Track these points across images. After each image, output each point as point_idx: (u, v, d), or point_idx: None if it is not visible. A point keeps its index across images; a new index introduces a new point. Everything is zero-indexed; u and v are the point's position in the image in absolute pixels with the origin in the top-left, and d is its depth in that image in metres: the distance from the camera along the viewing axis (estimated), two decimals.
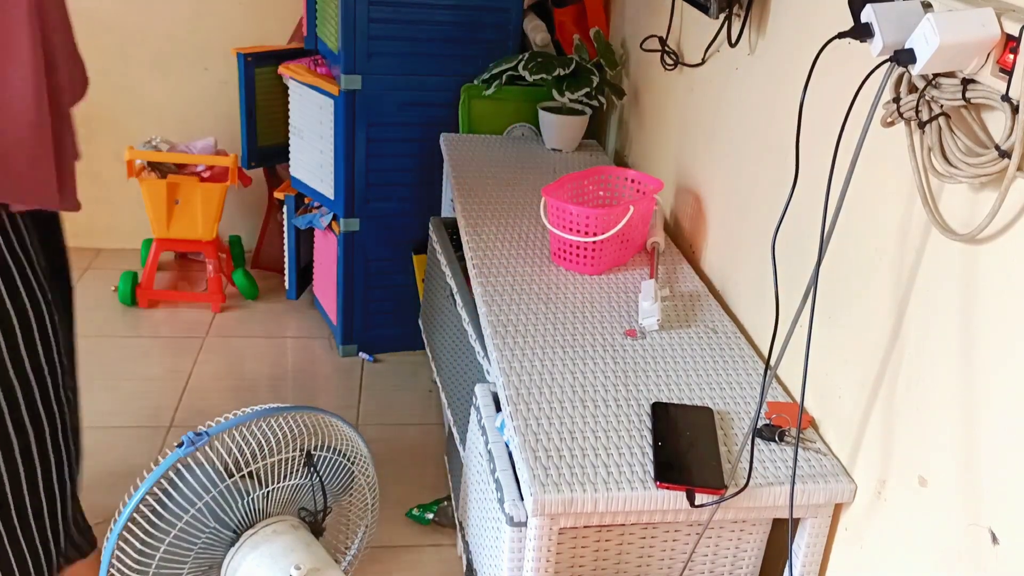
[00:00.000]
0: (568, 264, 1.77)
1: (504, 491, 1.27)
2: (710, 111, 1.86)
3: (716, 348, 1.55)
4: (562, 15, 2.60)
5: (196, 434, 1.35)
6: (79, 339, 2.66)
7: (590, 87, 2.29)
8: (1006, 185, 0.93)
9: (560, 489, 1.19)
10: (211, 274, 2.86)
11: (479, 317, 1.62)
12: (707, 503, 1.20)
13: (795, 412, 1.37)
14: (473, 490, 1.50)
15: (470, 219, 1.95)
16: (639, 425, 1.33)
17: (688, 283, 1.77)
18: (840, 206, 1.08)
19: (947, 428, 1.07)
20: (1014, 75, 0.91)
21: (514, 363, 1.45)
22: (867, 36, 1.00)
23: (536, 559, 1.22)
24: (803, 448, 1.31)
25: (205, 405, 2.40)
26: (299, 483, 1.46)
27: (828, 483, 1.25)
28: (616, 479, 1.22)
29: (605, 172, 1.93)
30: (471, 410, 1.51)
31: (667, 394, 1.41)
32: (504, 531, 1.25)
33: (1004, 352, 0.98)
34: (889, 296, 1.19)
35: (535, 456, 1.25)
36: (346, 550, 1.65)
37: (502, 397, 1.39)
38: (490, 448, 1.36)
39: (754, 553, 1.39)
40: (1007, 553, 0.98)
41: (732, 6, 1.69)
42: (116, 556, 1.31)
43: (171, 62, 3.01)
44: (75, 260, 3.09)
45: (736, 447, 1.30)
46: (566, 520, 1.21)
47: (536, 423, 1.32)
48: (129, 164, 2.72)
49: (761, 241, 1.60)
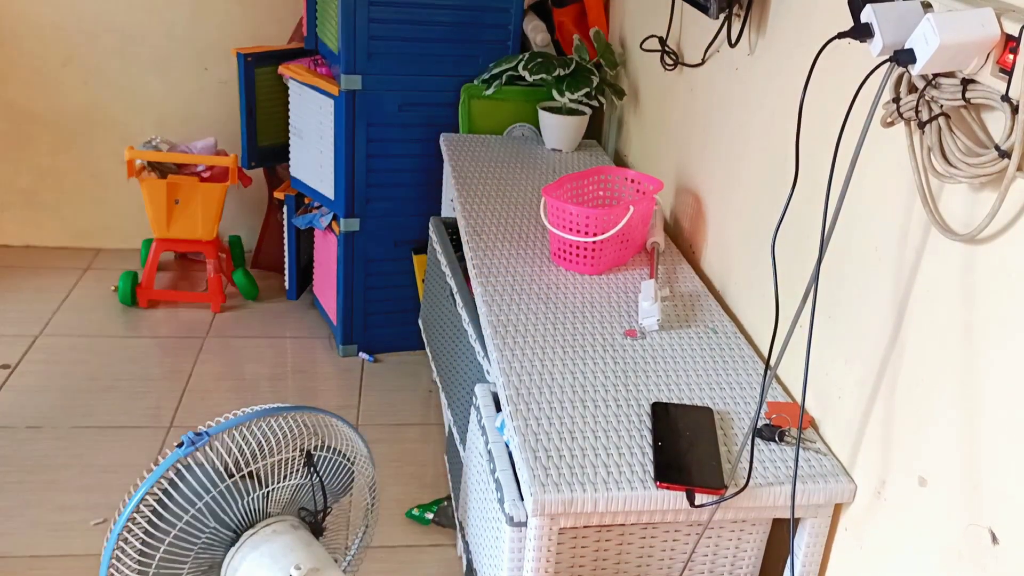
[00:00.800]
0: (568, 264, 1.77)
1: (504, 491, 1.27)
2: (710, 111, 1.86)
3: (716, 348, 1.55)
4: (562, 15, 2.60)
5: (196, 434, 1.35)
6: (79, 339, 2.66)
7: (590, 87, 2.29)
8: (1006, 185, 0.93)
9: (560, 489, 1.19)
10: (211, 274, 2.86)
11: (479, 317, 1.63)
12: (707, 503, 1.20)
13: (795, 412, 1.37)
14: (473, 490, 1.50)
15: (470, 219, 1.95)
16: (639, 425, 1.33)
17: (688, 283, 1.77)
18: (840, 206, 1.08)
19: (947, 428, 1.07)
20: (1014, 75, 0.91)
21: (514, 363, 1.45)
22: (867, 36, 1.00)
23: (536, 559, 1.22)
24: (803, 448, 1.31)
25: (205, 405, 2.40)
26: (299, 483, 1.46)
27: (828, 483, 1.25)
28: (616, 479, 1.22)
29: (605, 172, 1.93)
30: (471, 410, 1.51)
31: (667, 394, 1.41)
32: (504, 531, 1.25)
33: (1004, 352, 0.98)
34: (889, 296, 1.19)
35: (535, 456, 1.25)
36: (346, 550, 1.65)
37: (502, 397, 1.39)
38: (490, 448, 1.36)
39: (754, 553, 1.39)
40: (1007, 553, 0.98)
41: (732, 6, 1.69)
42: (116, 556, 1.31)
43: (171, 62, 3.02)
44: (75, 260, 3.11)
45: (736, 447, 1.30)
46: (566, 520, 1.21)
47: (536, 423, 1.32)
48: (129, 164, 2.72)
49: (761, 241, 1.60)
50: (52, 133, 3.04)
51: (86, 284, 2.97)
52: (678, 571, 1.39)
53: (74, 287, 2.93)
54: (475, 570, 1.50)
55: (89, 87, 3.00)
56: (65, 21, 2.91)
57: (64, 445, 2.19)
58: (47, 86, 2.98)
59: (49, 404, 2.33)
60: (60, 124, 3.03)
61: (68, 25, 2.92)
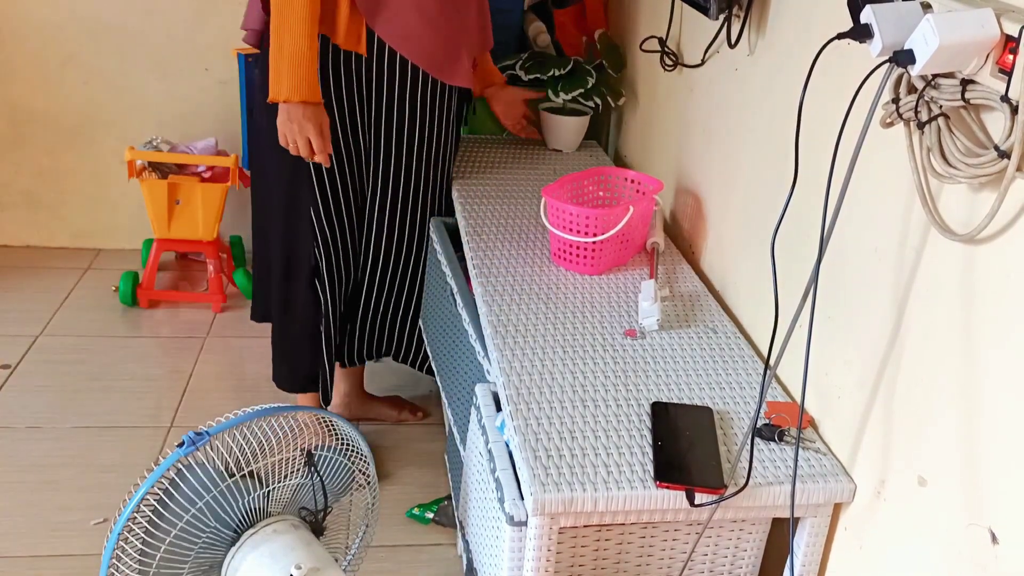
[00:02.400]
0: (568, 264, 1.77)
1: (504, 490, 1.27)
2: (710, 112, 1.86)
3: (716, 348, 1.55)
4: (562, 16, 2.60)
5: (196, 434, 1.35)
6: (79, 339, 2.66)
7: (585, 87, 2.30)
8: (1005, 185, 0.94)
9: (560, 488, 1.19)
10: (212, 274, 2.86)
11: (479, 317, 1.63)
12: (707, 503, 1.21)
13: (795, 412, 1.37)
14: (473, 490, 1.50)
15: (471, 219, 1.95)
16: (639, 425, 1.33)
17: (688, 283, 1.77)
18: (839, 206, 1.09)
19: (947, 428, 1.07)
20: (1013, 75, 0.91)
21: (514, 363, 1.45)
22: (866, 37, 1.00)
23: (536, 558, 1.22)
24: (803, 448, 1.31)
25: (205, 405, 2.40)
26: (299, 483, 1.46)
27: (828, 483, 1.25)
28: (616, 479, 1.22)
29: (605, 172, 1.94)
30: (472, 410, 1.51)
31: (667, 394, 1.41)
32: (504, 530, 1.25)
33: (1003, 352, 0.98)
34: (889, 296, 1.20)
35: (535, 455, 1.25)
36: (346, 550, 1.65)
37: (502, 397, 1.39)
38: (490, 448, 1.36)
39: (753, 553, 1.40)
40: (1007, 553, 0.98)
41: (732, 7, 1.69)
42: (116, 556, 1.31)
43: (171, 62, 3.01)
44: (75, 260, 3.11)
45: (736, 447, 1.30)
46: (566, 519, 1.21)
47: (536, 423, 1.32)
48: (130, 164, 2.72)
49: (761, 241, 1.60)
50: (52, 133, 3.04)
51: (86, 284, 2.97)
52: (677, 570, 1.39)
53: (74, 287, 2.93)
54: (475, 569, 1.50)
55: (89, 87, 3.00)
56: (65, 21, 2.91)
57: (64, 445, 2.19)
58: (47, 86, 2.98)
59: (49, 404, 2.33)
60: (60, 124, 3.03)
61: (68, 25, 2.92)
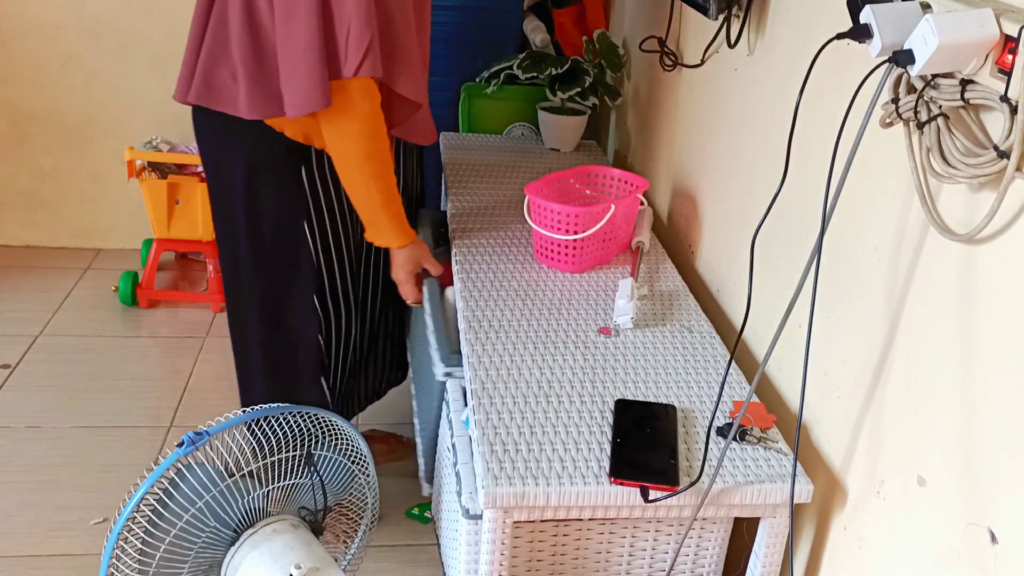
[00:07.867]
0: (550, 262, 1.77)
1: (463, 484, 1.27)
2: (709, 112, 1.86)
3: (689, 347, 1.55)
4: (562, 16, 2.60)
5: (196, 434, 1.35)
6: (79, 339, 2.67)
7: (582, 87, 2.30)
8: (1005, 185, 0.94)
9: (513, 482, 1.19)
10: (211, 274, 2.86)
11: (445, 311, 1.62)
12: (659, 498, 1.20)
13: (762, 412, 1.37)
14: (444, 485, 1.50)
15: (460, 216, 1.95)
16: (600, 421, 1.33)
17: (670, 282, 1.77)
18: (834, 205, 1.09)
19: (946, 428, 1.07)
20: (1013, 75, 0.91)
21: (483, 358, 1.45)
22: (866, 37, 1.00)
23: (491, 551, 1.21)
24: (765, 448, 1.31)
25: (205, 405, 2.40)
26: (299, 483, 1.46)
27: (786, 483, 1.24)
28: (571, 474, 1.22)
29: (591, 171, 1.94)
30: (443, 405, 1.51)
31: (634, 392, 1.41)
32: (461, 524, 1.25)
33: (1003, 352, 0.98)
34: (888, 296, 1.20)
35: (491, 449, 1.24)
36: (346, 550, 1.65)
37: (468, 391, 1.39)
38: (454, 442, 1.36)
39: (716, 552, 1.39)
40: (1007, 553, 0.98)
41: (731, 7, 1.69)
42: (116, 556, 1.31)
43: (171, 62, 3.01)
44: (75, 260, 3.11)
45: (697, 445, 1.30)
46: (519, 513, 1.20)
47: (497, 417, 1.31)
48: (129, 164, 2.72)
49: (759, 241, 1.60)
50: (52, 133, 3.04)
51: (86, 284, 2.97)
52: (637, 568, 1.39)
53: (74, 287, 2.93)
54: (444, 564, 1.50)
55: (89, 87, 3.00)
56: (65, 21, 2.91)
57: (64, 445, 2.19)
58: (47, 86, 2.98)
59: (49, 404, 2.33)
60: (60, 124, 3.03)
61: (68, 25, 2.92)
